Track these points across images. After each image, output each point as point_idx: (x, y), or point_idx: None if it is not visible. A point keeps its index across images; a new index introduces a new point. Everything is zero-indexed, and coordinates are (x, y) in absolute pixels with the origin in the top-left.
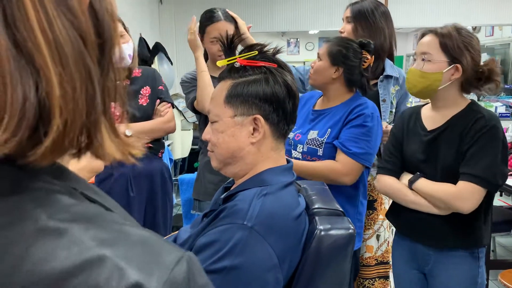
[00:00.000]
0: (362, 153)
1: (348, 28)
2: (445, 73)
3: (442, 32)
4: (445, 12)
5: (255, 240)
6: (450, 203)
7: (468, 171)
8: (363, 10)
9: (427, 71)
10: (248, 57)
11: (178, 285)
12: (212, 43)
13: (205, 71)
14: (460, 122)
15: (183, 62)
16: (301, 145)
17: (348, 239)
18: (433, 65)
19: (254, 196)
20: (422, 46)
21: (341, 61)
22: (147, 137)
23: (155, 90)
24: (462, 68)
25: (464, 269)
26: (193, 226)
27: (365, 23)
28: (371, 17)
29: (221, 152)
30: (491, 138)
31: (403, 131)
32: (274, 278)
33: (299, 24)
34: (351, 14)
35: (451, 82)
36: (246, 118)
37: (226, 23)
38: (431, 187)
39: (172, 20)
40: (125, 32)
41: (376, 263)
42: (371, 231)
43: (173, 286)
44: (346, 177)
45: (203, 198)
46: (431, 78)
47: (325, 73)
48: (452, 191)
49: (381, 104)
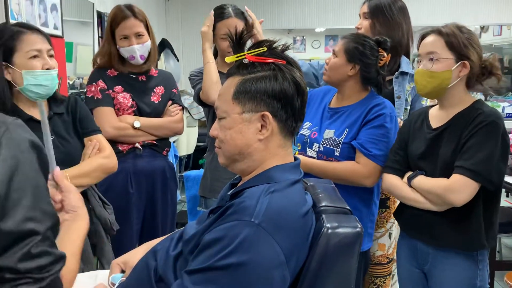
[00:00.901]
0: (382, 155)
1: (365, 24)
2: (453, 71)
3: (445, 31)
4: (453, 12)
5: (262, 237)
6: (442, 196)
7: (461, 164)
8: (380, 6)
9: (436, 71)
10: (256, 54)
11: None
12: (222, 40)
13: (211, 62)
14: (462, 119)
15: (189, 59)
16: (317, 144)
17: (355, 238)
18: (441, 64)
19: (262, 193)
20: (427, 46)
21: (357, 59)
22: (154, 133)
23: (169, 91)
24: (469, 64)
25: (461, 271)
26: (199, 222)
27: (382, 19)
28: (389, 12)
29: (228, 149)
30: (489, 133)
31: (409, 130)
32: (280, 276)
33: (305, 21)
34: (368, 10)
35: (459, 80)
36: (254, 115)
37: (236, 20)
38: (426, 182)
39: (179, 17)
40: (144, 33)
41: (388, 261)
42: (383, 229)
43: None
44: (368, 180)
45: (209, 195)
46: (441, 77)
47: (341, 70)
48: (444, 184)
49: (396, 100)
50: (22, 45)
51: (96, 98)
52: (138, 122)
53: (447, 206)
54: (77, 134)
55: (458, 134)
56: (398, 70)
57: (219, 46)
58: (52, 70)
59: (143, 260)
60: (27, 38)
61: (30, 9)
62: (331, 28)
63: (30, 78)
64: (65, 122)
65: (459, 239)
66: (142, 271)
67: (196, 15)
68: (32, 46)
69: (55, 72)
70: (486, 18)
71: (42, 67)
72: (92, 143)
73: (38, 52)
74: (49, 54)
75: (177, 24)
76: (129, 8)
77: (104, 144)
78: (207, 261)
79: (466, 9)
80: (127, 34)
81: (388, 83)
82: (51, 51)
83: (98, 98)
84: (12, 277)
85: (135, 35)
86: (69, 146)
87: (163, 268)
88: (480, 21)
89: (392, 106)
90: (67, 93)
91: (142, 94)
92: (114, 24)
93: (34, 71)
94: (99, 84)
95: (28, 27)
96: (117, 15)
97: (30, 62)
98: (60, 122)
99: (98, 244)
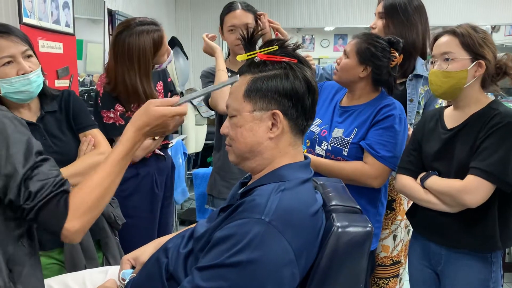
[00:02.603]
0: (390, 156)
1: (379, 24)
2: (469, 70)
3: (460, 31)
4: (464, 11)
5: (273, 235)
6: (456, 197)
7: (476, 165)
8: (395, 5)
9: (451, 70)
10: (268, 52)
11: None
12: (229, 32)
13: (222, 70)
14: (478, 120)
15: (199, 57)
16: (325, 143)
17: (366, 237)
18: (457, 63)
19: (272, 191)
20: (442, 46)
21: (369, 60)
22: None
23: (167, 83)
24: (485, 63)
25: (474, 272)
26: (209, 220)
27: (397, 20)
28: (404, 12)
29: (239, 147)
30: (505, 134)
31: (423, 131)
32: (290, 273)
33: (315, 20)
34: (383, 10)
35: (474, 79)
36: (265, 113)
37: (243, 12)
38: (439, 183)
39: (189, 15)
40: (167, 47)
41: (392, 263)
42: (388, 231)
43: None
44: (375, 180)
45: (216, 195)
46: (457, 76)
47: (352, 72)
48: (458, 185)
49: (408, 103)
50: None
51: (119, 125)
52: None
53: (460, 207)
54: (72, 131)
55: (474, 135)
56: (412, 72)
57: (227, 39)
58: (30, 74)
59: (154, 256)
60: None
61: (43, 7)
62: (340, 27)
63: (6, 86)
64: (58, 120)
65: (473, 241)
66: (153, 268)
67: (206, 13)
68: (2, 52)
69: (33, 74)
70: (497, 17)
71: (17, 73)
72: (87, 138)
73: (10, 57)
74: (25, 55)
75: (187, 22)
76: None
77: (100, 139)
78: (218, 258)
79: (476, 8)
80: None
81: (399, 85)
82: (28, 51)
83: (121, 124)
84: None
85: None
86: (63, 145)
87: (174, 266)
88: (491, 21)
89: (402, 107)
90: (77, 91)
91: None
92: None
93: (8, 79)
94: (118, 109)
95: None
96: None
97: (3, 70)
98: (52, 120)
99: (102, 239)
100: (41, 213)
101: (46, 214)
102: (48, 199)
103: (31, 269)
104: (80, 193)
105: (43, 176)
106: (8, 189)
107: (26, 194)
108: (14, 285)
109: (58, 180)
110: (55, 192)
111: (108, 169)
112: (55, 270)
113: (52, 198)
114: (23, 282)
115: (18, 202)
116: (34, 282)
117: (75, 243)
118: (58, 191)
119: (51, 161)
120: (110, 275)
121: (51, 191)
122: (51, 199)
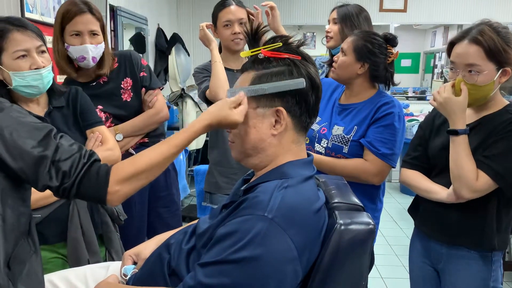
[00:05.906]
0: (390, 154)
1: (334, 29)
2: (495, 80)
3: (483, 39)
4: (465, 9)
5: (275, 231)
6: (464, 181)
7: (489, 164)
8: (348, 14)
9: (481, 84)
10: (272, 49)
11: None
12: (224, 28)
13: (217, 61)
14: (492, 121)
15: (200, 53)
16: (325, 140)
17: (368, 235)
18: (484, 77)
19: (275, 188)
20: (465, 57)
21: (367, 57)
22: (141, 133)
23: (137, 79)
24: (510, 70)
25: (475, 270)
26: (212, 217)
27: (350, 26)
28: (356, 20)
29: (242, 143)
30: None
31: (432, 126)
32: (292, 270)
33: (316, 17)
34: (337, 16)
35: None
36: (268, 110)
37: (237, 7)
38: (461, 156)
39: (190, 11)
40: (100, 33)
41: None
42: None
43: None
44: (376, 178)
45: (214, 191)
46: (485, 89)
47: (350, 69)
48: (472, 176)
49: None
50: (8, 45)
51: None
52: (120, 135)
53: (457, 198)
54: (78, 127)
55: (484, 134)
56: None
57: (222, 35)
58: (42, 69)
59: (157, 252)
60: (14, 37)
61: (45, 2)
62: None
63: (18, 79)
64: (64, 115)
65: (472, 238)
66: (155, 264)
67: (207, 9)
68: (18, 46)
69: (45, 70)
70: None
71: (29, 67)
72: (94, 135)
73: (25, 51)
74: (39, 51)
75: (188, 18)
76: (85, 3)
77: (107, 135)
78: (220, 254)
79: (477, 6)
80: (81, 30)
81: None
82: (42, 46)
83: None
84: None
85: (89, 32)
86: None
87: (176, 262)
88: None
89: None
90: None
91: (110, 99)
92: (66, 19)
93: (21, 72)
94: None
95: (16, 23)
96: (70, 9)
97: (17, 63)
98: (59, 116)
99: (105, 234)
100: (82, 186)
101: (87, 185)
102: (84, 172)
103: (32, 268)
104: (126, 162)
105: (68, 154)
106: (39, 174)
107: (60, 174)
108: (13, 285)
109: (84, 152)
110: (88, 163)
111: (166, 149)
112: (58, 264)
113: (88, 169)
114: (24, 281)
115: (55, 184)
116: (35, 282)
117: (79, 238)
118: (91, 161)
119: (66, 137)
120: (111, 270)
121: (84, 163)
122: (87, 171)
